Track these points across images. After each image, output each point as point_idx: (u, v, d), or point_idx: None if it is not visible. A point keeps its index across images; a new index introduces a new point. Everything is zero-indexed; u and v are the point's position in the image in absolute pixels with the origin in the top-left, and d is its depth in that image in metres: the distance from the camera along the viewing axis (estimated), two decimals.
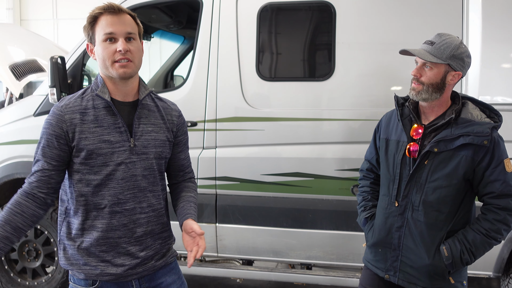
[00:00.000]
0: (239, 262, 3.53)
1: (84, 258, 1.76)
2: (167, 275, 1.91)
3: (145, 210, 1.81)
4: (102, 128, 1.71)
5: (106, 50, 1.68)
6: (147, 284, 1.86)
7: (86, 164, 1.70)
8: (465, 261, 1.95)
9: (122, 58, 1.67)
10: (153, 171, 1.82)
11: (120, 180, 1.73)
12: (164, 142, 1.85)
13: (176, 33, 4.65)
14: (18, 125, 3.58)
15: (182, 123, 1.95)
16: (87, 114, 1.71)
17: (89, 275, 1.76)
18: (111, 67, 1.69)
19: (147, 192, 1.80)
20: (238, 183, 3.24)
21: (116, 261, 1.77)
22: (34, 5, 13.56)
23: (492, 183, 1.92)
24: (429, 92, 1.95)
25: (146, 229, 1.81)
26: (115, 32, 1.67)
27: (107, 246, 1.76)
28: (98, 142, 1.70)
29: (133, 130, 1.76)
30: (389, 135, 2.14)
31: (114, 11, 1.69)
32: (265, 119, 3.17)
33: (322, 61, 3.18)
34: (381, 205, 2.16)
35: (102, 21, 1.69)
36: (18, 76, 4.44)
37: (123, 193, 1.74)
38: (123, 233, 1.76)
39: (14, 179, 3.59)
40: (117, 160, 1.72)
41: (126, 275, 1.78)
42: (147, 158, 1.79)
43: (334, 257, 3.19)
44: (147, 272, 1.84)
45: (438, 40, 1.95)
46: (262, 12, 3.15)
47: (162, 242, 1.90)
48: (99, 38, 1.69)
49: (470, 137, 1.89)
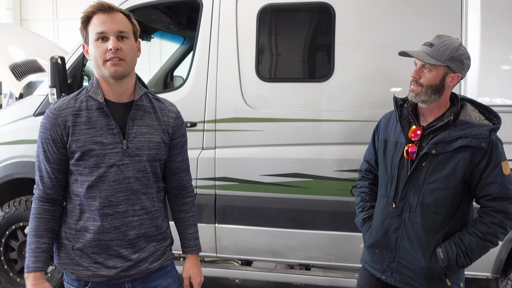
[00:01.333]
0: (238, 262, 3.54)
1: (77, 259, 1.76)
2: (162, 278, 1.89)
3: (138, 212, 1.78)
4: (95, 129, 1.71)
5: (97, 49, 1.67)
6: (140, 287, 1.84)
7: (79, 165, 1.71)
8: (461, 264, 1.94)
9: (114, 56, 1.66)
10: (146, 173, 1.79)
11: (112, 182, 1.72)
12: (159, 144, 1.82)
13: (176, 33, 4.65)
14: (18, 125, 3.58)
15: (180, 124, 1.91)
16: (79, 116, 1.71)
17: (81, 276, 1.76)
18: (103, 66, 1.68)
19: (140, 194, 1.78)
20: (237, 184, 3.24)
21: (108, 263, 1.76)
22: (34, 5, 13.56)
23: (489, 185, 1.92)
24: (428, 94, 1.94)
25: (139, 232, 1.80)
26: (106, 31, 1.66)
27: (99, 248, 1.75)
28: (90, 144, 1.69)
29: (126, 131, 1.74)
30: (387, 136, 2.14)
31: (105, 9, 1.68)
32: (264, 120, 3.17)
33: (322, 62, 3.19)
34: (379, 206, 2.16)
35: (94, 21, 1.69)
36: (18, 76, 4.44)
37: (115, 195, 1.73)
38: (115, 236, 1.75)
39: (14, 179, 3.59)
40: (109, 162, 1.71)
41: (118, 277, 1.78)
42: (140, 160, 1.76)
43: (333, 257, 3.20)
44: (141, 275, 1.82)
45: (438, 41, 1.94)
46: (262, 13, 3.15)
47: (156, 244, 1.87)
48: (92, 38, 1.69)
49: (468, 139, 1.89)
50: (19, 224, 3.62)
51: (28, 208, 3.56)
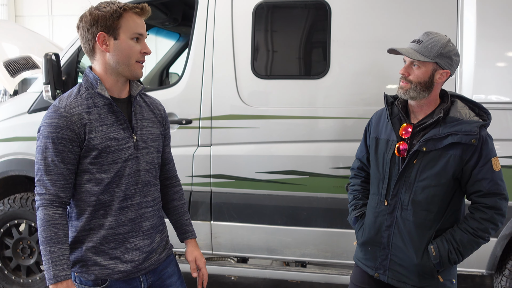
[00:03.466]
0: (234, 259, 3.54)
1: (93, 258, 1.75)
2: (168, 267, 1.96)
3: (150, 204, 1.85)
4: (107, 126, 1.71)
5: (133, 49, 1.71)
6: (152, 278, 1.89)
7: (96, 164, 1.70)
8: (453, 260, 1.95)
9: (144, 60, 1.76)
10: (154, 165, 1.86)
11: (127, 176, 1.76)
12: (158, 136, 1.89)
13: (172, 30, 4.63)
14: (12, 122, 3.56)
15: (167, 116, 2.00)
16: (91, 113, 1.69)
17: (100, 275, 1.76)
18: (133, 65, 1.72)
19: (150, 186, 1.85)
20: (233, 181, 3.24)
21: (125, 257, 1.78)
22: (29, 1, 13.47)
23: (480, 181, 1.92)
24: (417, 91, 1.95)
25: (152, 223, 1.86)
26: (143, 34, 1.72)
27: (116, 243, 1.77)
28: (106, 141, 1.70)
29: (133, 125, 1.78)
30: (379, 134, 2.15)
31: (143, 12, 1.72)
32: (260, 117, 3.17)
33: (317, 59, 3.18)
34: (371, 204, 2.16)
35: (131, 18, 1.69)
36: (12, 73, 4.41)
37: (129, 188, 1.77)
38: (131, 228, 1.79)
39: (8, 177, 3.58)
40: (124, 157, 1.74)
41: (135, 271, 1.81)
42: (148, 152, 1.83)
43: (328, 254, 3.20)
44: (154, 266, 1.88)
45: (426, 38, 1.94)
46: (257, 9, 3.14)
47: (161, 235, 1.94)
48: (126, 35, 1.69)
49: (458, 136, 1.89)
50: (14, 221, 3.60)
51: (22, 206, 3.55)
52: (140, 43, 1.73)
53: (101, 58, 1.72)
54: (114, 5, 1.69)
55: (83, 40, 1.73)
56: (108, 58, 1.71)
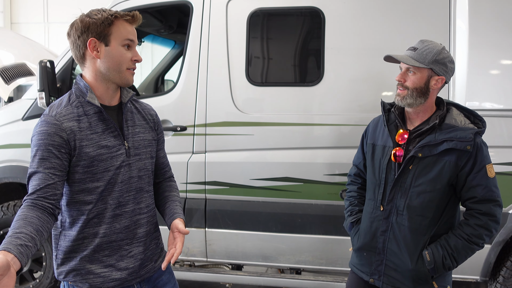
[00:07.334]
0: (229, 267, 3.52)
1: (87, 267, 1.74)
2: (163, 275, 1.94)
3: (144, 210, 1.84)
4: (98, 134, 1.70)
5: (124, 56, 1.70)
6: (146, 286, 1.88)
7: (88, 172, 1.69)
8: (447, 266, 1.96)
9: (135, 67, 1.76)
10: (147, 171, 1.85)
11: (120, 183, 1.75)
12: (151, 142, 1.89)
13: (167, 37, 4.65)
14: (7, 129, 3.55)
15: (159, 121, 1.99)
16: (81, 121, 1.68)
17: (94, 283, 1.74)
18: (124, 72, 1.72)
19: (143, 192, 1.84)
20: (228, 188, 3.23)
21: (120, 265, 1.77)
22: (25, 9, 13.47)
23: (474, 188, 1.94)
24: (413, 97, 1.98)
25: (146, 229, 1.85)
26: (134, 41, 1.73)
27: (110, 250, 1.76)
28: (97, 149, 1.69)
29: (124, 132, 1.78)
30: (375, 140, 2.17)
31: (134, 20, 1.73)
32: (254, 124, 3.17)
33: (312, 67, 3.20)
34: (366, 209, 2.17)
35: (121, 25, 1.69)
36: (7, 80, 4.41)
37: (122, 195, 1.76)
38: (126, 235, 1.78)
39: (2, 184, 3.56)
40: (116, 164, 1.73)
41: (130, 278, 1.80)
42: (141, 159, 1.82)
43: (323, 261, 3.19)
44: (149, 274, 1.86)
45: (421, 46, 1.99)
46: (252, 17, 3.16)
47: (156, 242, 1.93)
48: (117, 42, 1.68)
49: (454, 142, 1.92)
50: (7, 229, 3.58)
51: (16, 213, 3.52)
52: (131, 51, 1.73)
53: (91, 65, 1.71)
54: (105, 12, 1.69)
55: (73, 47, 1.72)
56: (98, 65, 1.70)
